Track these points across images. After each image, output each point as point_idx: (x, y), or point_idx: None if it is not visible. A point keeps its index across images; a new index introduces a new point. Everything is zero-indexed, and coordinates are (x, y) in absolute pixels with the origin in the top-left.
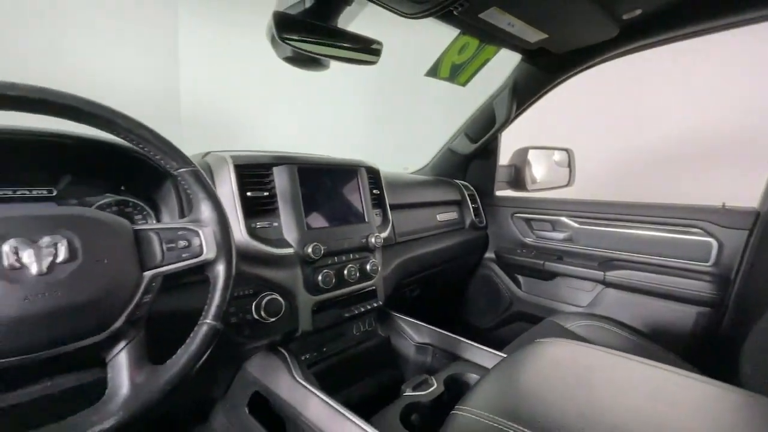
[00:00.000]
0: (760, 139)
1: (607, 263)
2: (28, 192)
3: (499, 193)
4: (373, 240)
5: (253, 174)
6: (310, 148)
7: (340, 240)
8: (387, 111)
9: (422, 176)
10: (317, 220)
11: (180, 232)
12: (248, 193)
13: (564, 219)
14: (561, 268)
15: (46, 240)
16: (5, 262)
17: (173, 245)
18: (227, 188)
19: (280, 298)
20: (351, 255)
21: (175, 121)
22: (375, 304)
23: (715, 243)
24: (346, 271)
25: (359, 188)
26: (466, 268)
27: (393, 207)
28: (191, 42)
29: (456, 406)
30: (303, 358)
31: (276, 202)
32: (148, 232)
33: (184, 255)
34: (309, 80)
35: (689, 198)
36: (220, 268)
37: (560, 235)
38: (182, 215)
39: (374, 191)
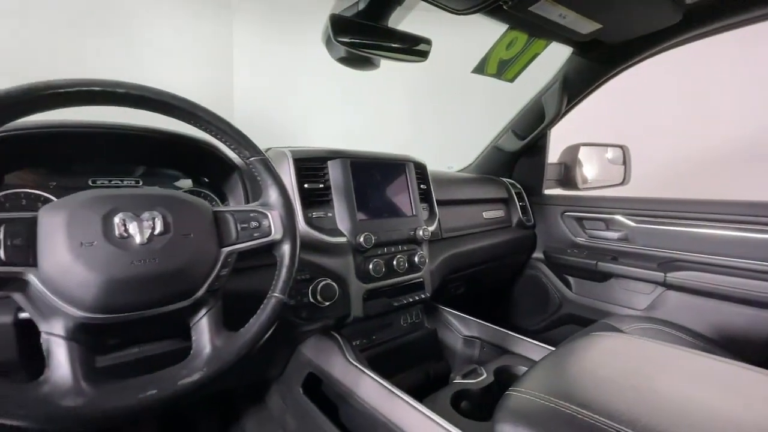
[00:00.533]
0: None
1: (669, 264)
2: (120, 182)
3: (547, 191)
4: (420, 233)
5: (310, 167)
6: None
7: (389, 231)
8: (429, 114)
9: (468, 174)
10: (368, 212)
11: (252, 214)
12: (305, 185)
13: (619, 217)
14: (616, 268)
15: (146, 215)
16: (116, 232)
17: (246, 225)
18: (287, 180)
19: (334, 284)
20: (399, 246)
21: None
22: (422, 296)
23: None
24: (395, 262)
25: (407, 182)
26: (513, 267)
27: (439, 203)
28: (245, 54)
29: (510, 388)
30: (354, 343)
31: (330, 194)
32: (225, 214)
33: (255, 234)
34: (352, 88)
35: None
36: (286, 248)
37: (615, 235)
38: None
39: (421, 186)
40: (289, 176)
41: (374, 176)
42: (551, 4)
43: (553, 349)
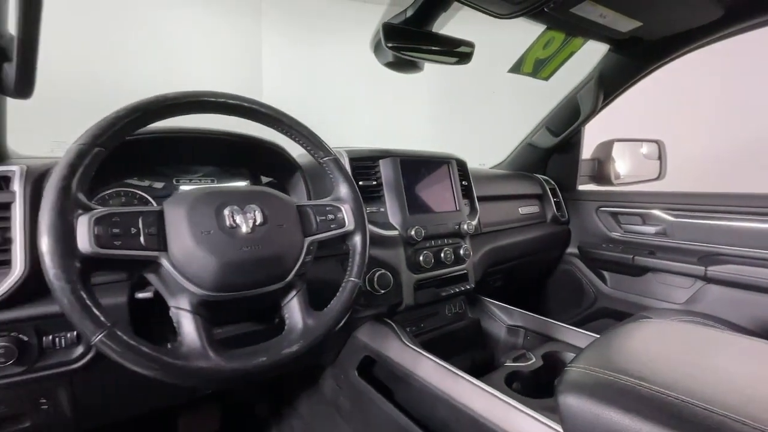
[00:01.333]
0: None
1: (709, 258)
2: (198, 181)
3: (581, 187)
4: (465, 227)
5: (363, 166)
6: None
7: (436, 225)
8: (450, 114)
9: (502, 170)
10: (417, 207)
11: (328, 208)
12: (360, 182)
13: (656, 212)
14: (653, 262)
15: (248, 208)
16: (227, 222)
17: (323, 218)
18: None
19: (388, 274)
20: (446, 240)
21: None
22: (467, 287)
23: None
24: (442, 254)
25: (451, 179)
26: (548, 262)
27: (478, 198)
28: (273, 56)
29: (568, 364)
30: (406, 329)
31: (382, 190)
32: (306, 207)
33: (332, 226)
34: (380, 88)
35: None
36: (358, 237)
37: (652, 229)
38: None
39: (463, 182)
40: None
41: (421, 173)
42: (592, 5)
43: (598, 336)
